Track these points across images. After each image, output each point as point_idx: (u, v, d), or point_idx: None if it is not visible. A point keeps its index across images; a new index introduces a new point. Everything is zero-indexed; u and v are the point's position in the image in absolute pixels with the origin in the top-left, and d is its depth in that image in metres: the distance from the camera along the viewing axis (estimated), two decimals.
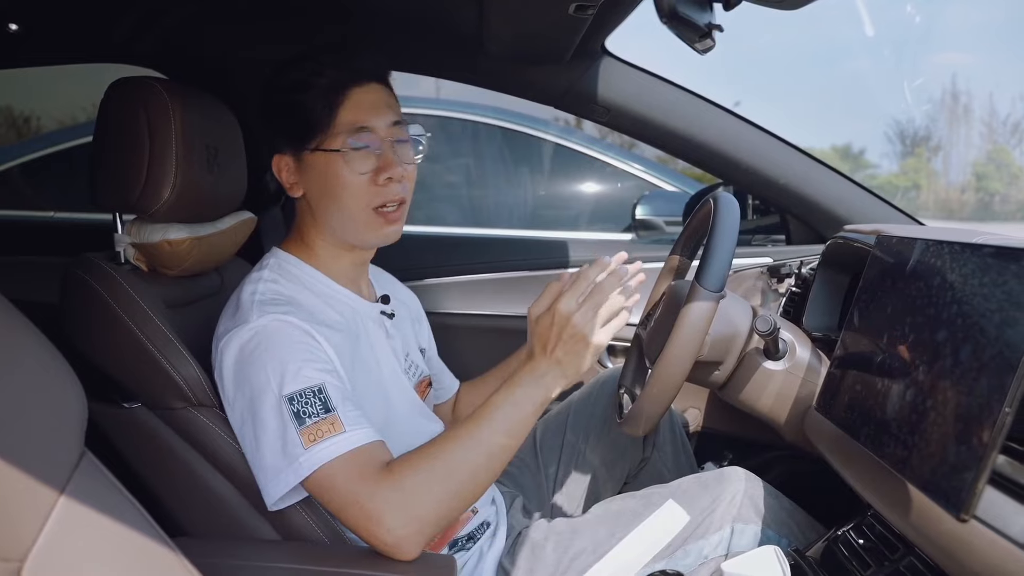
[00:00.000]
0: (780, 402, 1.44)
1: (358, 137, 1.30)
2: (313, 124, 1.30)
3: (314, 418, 1.15)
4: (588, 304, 1.17)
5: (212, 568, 0.79)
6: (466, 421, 1.20)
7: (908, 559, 1.10)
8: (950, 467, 0.90)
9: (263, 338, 1.20)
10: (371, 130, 1.31)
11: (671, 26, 0.88)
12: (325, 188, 1.32)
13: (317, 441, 1.14)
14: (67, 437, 0.69)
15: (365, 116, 1.30)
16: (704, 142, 1.90)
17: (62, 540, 0.63)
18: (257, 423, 1.18)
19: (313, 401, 1.16)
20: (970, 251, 1.01)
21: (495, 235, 3.33)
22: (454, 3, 1.48)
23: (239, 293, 1.31)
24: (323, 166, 1.31)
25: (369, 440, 1.17)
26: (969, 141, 14.42)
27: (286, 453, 1.15)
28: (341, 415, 1.16)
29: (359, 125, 1.30)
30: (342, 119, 1.29)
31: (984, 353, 0.90)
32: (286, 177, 1.36)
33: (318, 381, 1.18)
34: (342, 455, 1.14)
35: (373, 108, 1.32)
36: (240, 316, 1.24)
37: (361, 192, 1.31)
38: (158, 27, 1.70)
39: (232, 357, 1.22)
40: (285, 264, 1.37)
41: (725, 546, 1.36)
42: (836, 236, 1.64)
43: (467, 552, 1.42)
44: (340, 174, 1.30)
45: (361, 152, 1.30)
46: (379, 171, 1.31)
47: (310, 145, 1.31)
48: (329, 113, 1.29)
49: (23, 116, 6.63)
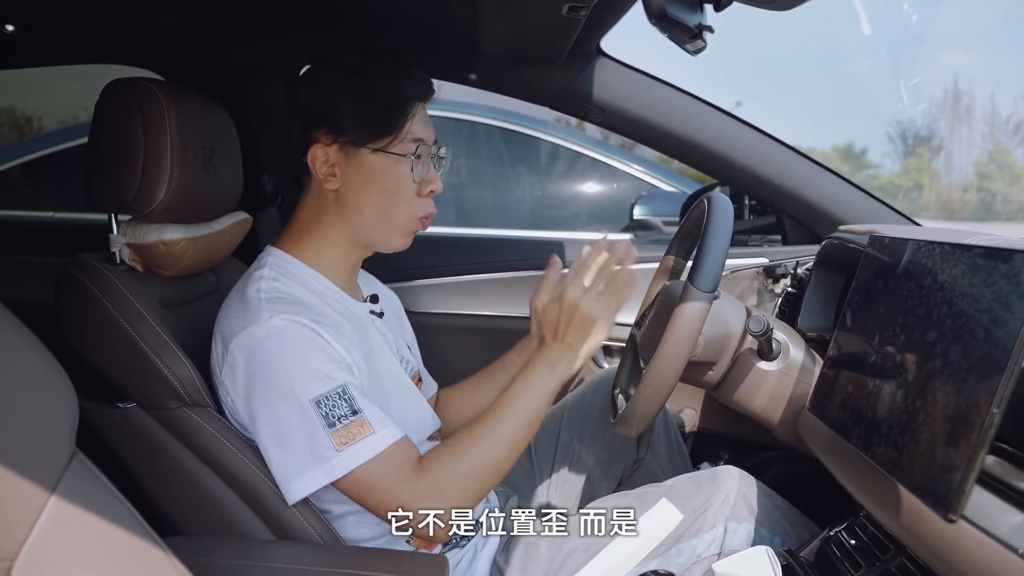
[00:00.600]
0: (774, 402, 1.44)
1: (416, 147, 1.33)
2: (385, 126, 1.31)
3: (344, 420, 1.19)
4: (593, 288, 1.27)
5: (204, 567, 0.80)
6: (487, 415, 1.27)
7: (899, 559, 1.11)
8: (939, 467, 0.91)
9: (278, 339, 1.22)
10: (425, 144, 1.35)
11: (660, 27, 0.88)
12: (376, 187, 1.33)
13: (349, 444, 1.19)
14: (58, 437, 0.69)
15: (423, 130, 1.35)
16: (700, 142, 1.91)
17: (52, 539, 0.63)
18: (278, 423, 1.21)
19: (339, 403, 1.20)
20: (960, 252, 1.01)
21: (493, 235, 3.34)
22: (448, 4, 1.49)
23: (243, 292, 1.31)
24: (381, 167, 1.33)
25: (398, 438, 1.23)
26: (971, 141, 14.42)
27: (315, 454, 1.19)
28: (368, 415, 1.21)
29: (419, 137, 1.34)
30: (412, 128, 1.33)
31: (973, 354, 0.91)
32: (322, 167, 1.34)
33: (340, 382, 1.21)
34: (377, 456, 1.20)
35: (427, 124, 1.37)
36: (250, 315, 1.25)
37: (410, 199, 1.35)
38: (154, 28, 1.71)
39: (247, 357, 1.23)
40: (283, 263, 1.37)
41: (718, 545, 1.36)
42: (831, 236, 1.64)
43: (461, 550, 1.43)
44: (400, 178, 1.33)
45: (421, 162, 1.34)
46: (425, 183, 1.36)
47: (376, 144, 1.32)
48: (403, 119, 1.32)
49: (25, 116, 6.64)
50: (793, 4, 1.00)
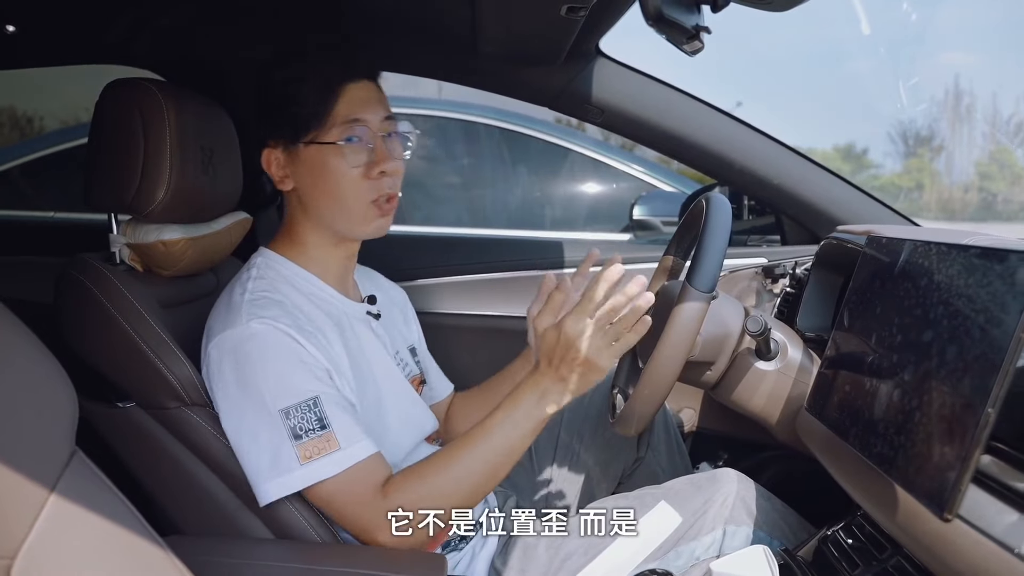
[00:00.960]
0: (772, 402, 1.44)
1: (351, 130, 1.31)
2: (307, 117, 1.31)
3: (310, 435, 1.18)
4: (596, 327, 1.17)
5: (204, 566, 0.80)
6: (465, 439, 1.24)
7: (896, 559, 1.11)
8: (935, 467, 0.91)
9: (255, 345, 1.21)
10: (364, 124, 1.32)
11: (657, 28, 0.88)
12: (319, 181, 1.33)
13: (312, 459, 1.18)
14: (58, 436, 0.70)
15: (359, 110, 1.32)
16: (698, 143, 1.91)
17: (52, 538, 0.64)
18: (249, 429, 1.22)
19: (308, 416, 1.19)
20: (956, 252, 1.01)
21: (493, 235, 3.34)
22: (447, 4, 1.49)
23: (229, 293, 1.32)
24: (317, 159, 1.32)
25: (365, 455, 1.21)
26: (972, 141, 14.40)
27: (278, 464, 1.19)
28: (336, 431, 1.19)
29: (353, 118, 1.31)
30: (336, 113, 1.31)
31: (969, 353, 0.91)
32: (276, 170, 1.36)
33: (312, 393, 1.20)
34: (338, 475, 1.19)
35: (366, 103, 1.33)
36: (231, 317, 1.25)
37: (355, 185, 1.32)
38: (153, 29, 1.71)
39: (222, 360, 1.23)
40: (273, 263, 1.38)
41: (717, 548, 1.36)
42: (829, 237, 1.64)
43: (459, 552, 1.43)
44: (335, 167, 1.31)
45: (355, 145, 1.31)
46: (372, 165, 1.33)
47: (304, 138, 1.32)
48: (324, 107, 1.30)
49: (26, 116, 6.64)
50: (790, 5, 1.01)
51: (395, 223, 1.44)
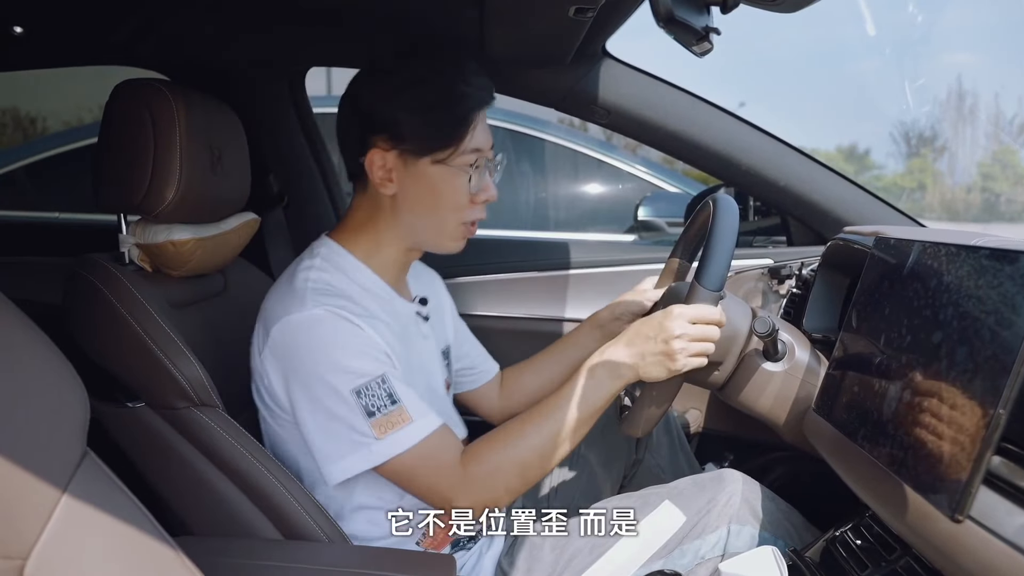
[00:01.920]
0: (779, 403, 1.44)
1: (476, 159, 1.35)
2: (443, 140, 1.32)
3: (383, 410, 1.22)
4: (694, 335, 1.25)
5: (213, 566, 0.80)
6: (541, 408, 1.30)
7: (905, 560, 1.11)
8: (945, 468, 0.91)
9: (319, 329, 1.25)
10: (484, 154, 1.37)
11: (668, 30, 0.89)
12: (428, 196, 1.36)
13: (388, 432, 1.22)
14: (69, 436, 0.70)
15: (483, 141, 1.36)
16: (704, 144, 1.91)
17: (64, 539, 0.64)
18: (319, 410, 1.24)
19: (379, 392, 1.23)
20: (966, 253, 1.01)
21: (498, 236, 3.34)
22: (455, 6, 1.49)
23: (291, 279, 1.33)
24: (439, 177, 1.34)
25: (436, 426, 1.27)
26: (975, 141, 14.37)
27: (355, 441, 1.23)
28: (407, 405, 1.24)
29: (479, 148, 1.35)
30: (470, 141, 1.34)
31: (979, 355, 0.91)
32: (379, 172, 1.35)
33: (379, 372, 1.24)
34: (415, 445, 1.24)
35: (486, 135, 1.38)
36: (295, 302, 1.27)
37: (463, 207, 1.37)
38: (161, 30, 1.71)
39: (288, 342, 1.26)
40: (335, 255, 1.39)
41: (722, 547, 1.36)
42: (836, 237, 1.64)
43: (467, 552, 1.43)
44: (456, 190, 1.35)
45: (477, 172, 1.35)
46: (480, 192, 1.38)
47: (435, 156, 1.33)
48: (463, 131, 1.33)
49: (29, 117, 6.66)
50: (800, 6, 1.01)
51: None
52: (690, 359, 1.25)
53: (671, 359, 1.25)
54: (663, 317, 1.26)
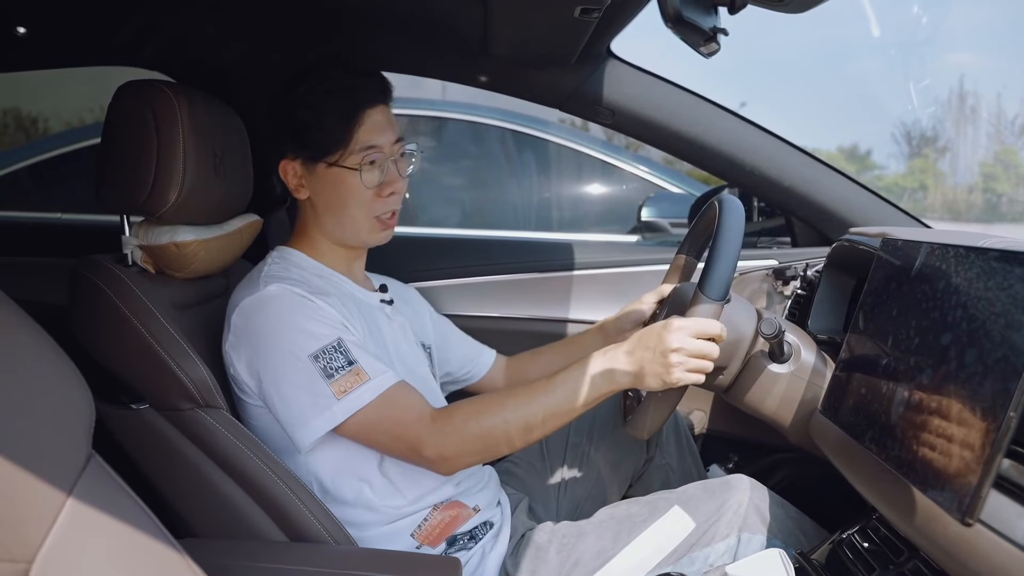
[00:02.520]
0: (785, 405, 1.44)
1: (369, 155, 1.40)
2: (330, 143, 1.39)
3: (341, 372, 1.28)
4: (692, 351, 1.25)
5: (219, 569, 0.80)
6: (527, 388, 1.32)
7: (913, 562, 1.10)
8: (955, 471, 0.90)
9: (274, 303, 1.32)
10: (380, 149, 1.41)
11: (676, 30, 0.88)
12: (333, 196, 1.43)
13: (348, 392, 1.28)
14: (74, 439, 0.70)
15: (375, 136, 1.41)
16: (709, 144, 1.90)
17: (69, 542, 0.63)
18: (281, 379, 1.30)
19: (336, 356, 1.29)
20: (975, 255, 1.01)
21: (501, 237, 3.34)
22: (459, 6, 1.48)
23: (248, 278, 1.41)
24: (336, 179, 1.41)
25: (394, 381, 1.32)
26: (976, 142, 14.37)
27: (317, 404, 1.28)
28: (363, 365, 1.30)
29: (370, 144, 1.40)
30: (357, 139, 1.39)
31: (989, 357, 0.91)
32: (292, 180, 1.45)
33: (335, 336, 1.30)
34: (373, 401, 1.29)
35: (381, 128, 1.42)
36: (250, 287, 1.35)
37: (367, 203, 1.43)
38: (163, 31, 1.71)
39: (246, 322, 1.33)
40: (288, 255, 1.46)
41: (731, 555, 1.36)
42: (842, 239, 1.64)
43: (468, 551, 1.43)
44: (352, 187, 1.41)
45: (371, 168, 1.41)
46: (384, 185, 1.44)
47: (327, 160, 1.40)
48: (345, 134, 1.39)
49: (31, 117, 6.66)
50: (807, 7, 1.00)
51: (399, 224, 1.49)
52: (686, 374, 1.25)
53: (667, 372, 1.25)
54: (663, 329, 1.26)
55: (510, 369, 1.81)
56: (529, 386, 1.32)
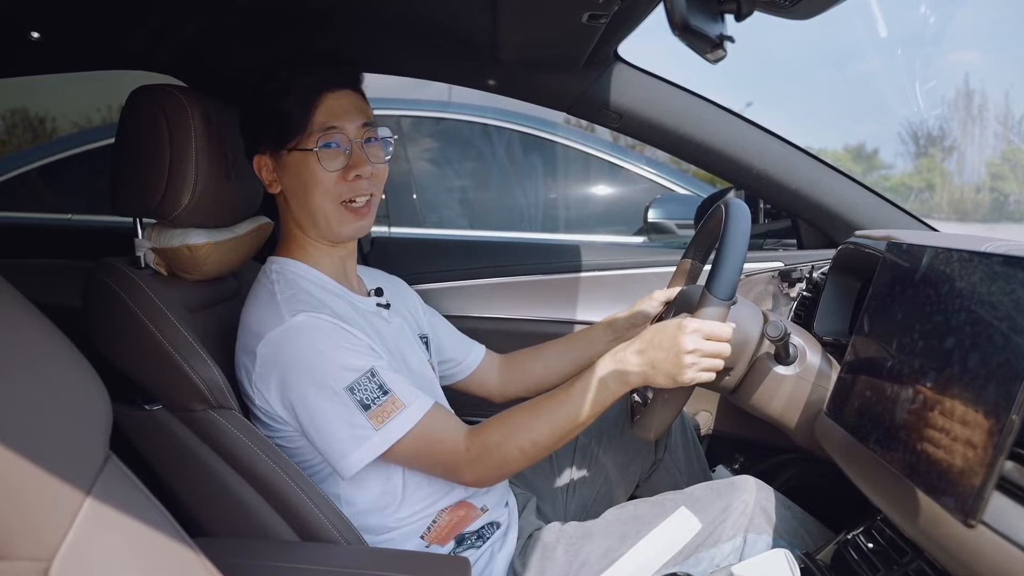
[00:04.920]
0: (791, 406, 1.44)
1: (329, 136, 1.38)
2: (290, 126, 1.38)
3: (377, 402, 1.28)
4: (707, 351, 1.27)
5: (233, 568, 0.81)
6: (548, 400, 1.34)
7: (916, 563, 1.11)
8: (958, 473, 0.91)
9: (303, 335, 1.30)
10: (341, 131, 1.40)
11: (683, 38, 0.89)
12: (299, 184, 1.41)
13: (385, 421, 1.28)
14: (92, 440, 0.70)
15: (336, 118, 1.40)
16: (715, 147, 1.91)
17: (88, 540, 0.64)
18: (319, 414, 1.29)
19: (370, 386, 1.29)
20: (979, 259, 1.02)
21: (507, 239, 3.34)
22: (468, 11, 1.49)
23: (258, 298, 1.38)
24: (299, 164, 1.39)
25: (429, 407, 1.32)
26: (983, 141, 14.31)
27: (356, 436, 1.28)
28: (398, 393, 1.30)
29: (329, 125, 1.39)
30: (315, 121, 1.38)
31: (992, 360, 0.92)
32: (266, 175, 1.44)
33: (368, 366, 1.30)
34: (414, 427, 1.30)
35: (344, 111, 1.41)
36: (272, 317, 1.32)
37: (331, 187, 1.40)
38: (176, 36, 1.72)
39: (276, 356, 1.30)
40: (285, 266, 1.44)
41: (737, 556, 1.37)
42: (847, 242, 1.64)
43: (477, 551, 1.44)
44: (313, 171, 1.39)
45: (332, 151, 1.39)
46: (348, 169, 1.40)
47: (288, 145, 1.39)
48: (304, 116, 1.38)
49: (38, 117, 6.68)
50: (814, 13, 1.01)
51: (405, 226, 1.48)
52: (699, 374, 1.27)
53: (680, 372, 1.26)
54: (677, 331, 1.27)
55: (505, 367, 1.81)
56: (550, 398, 1.34)
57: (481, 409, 1.77)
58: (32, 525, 0.61)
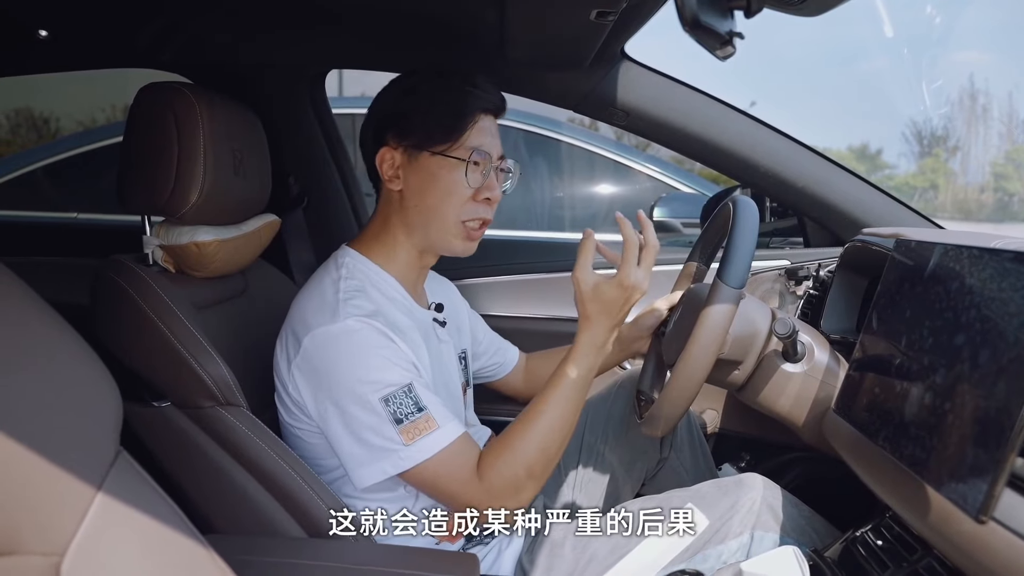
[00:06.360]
0: (798, 404, 1.44)
1: (477, 155, 1.39)
2: (440, 133, 1.38)
3: (411, 417, 1.26)
4: (646, 267, 1.32)
5: (243, 565, 0.81)
6: (537, 405, 1.34)
7: (926, 560, 1.11)
8: (968, 469, 0.91)
9: (352, 340, 1.28)
10: (487, 153, 1.40)
11: (693, 34, 0.89)
12: (430, 188, 1.40)
13: (416, 439, 1.26)
14: (103, 435, 0.71)
15: (488, 141, 1.41)
16: (722, 145, 1.91)
17: (99, 536, 0.64)
18: (349, 418, 1.27)
19: (406, 401, 1.27)
20: (989, 256, 1.01)
21: (513, 237, 3.34)
22: (475, 9, 1.50)
23: (321, 289, 1.37)
24: (438, 170, 1.39)
25: (460, 433, 1.30)
26: (987, 141, 14.27)
27: (384, 448, 1.26)
28: (432, 412, 1.28)
29: (481, 147, 1.39)
30: (471, 136, 1.39)
31: (1003, 357, 0.91)
32: (388, 169, 1.42)
33: (406, 381, 1.28)
34: (443, 450, 1.27)
35: (492, 136, 1.43)
36: (327, 313, 1.31)
37: (461, 202, 1.40)
38: (182, 33, 1.73)
39: (321, 352, 1.29)
40: (358, 263, 1.43)
41: (744, 552, 1.36)
42: (854, 239, 1.64)
43: (485, 547, 1.44)
44: (456, 180, 1.39)
45: (478, 168, 1.40)
46: (482, 189, 1.41)
47: (432, 148, 1.38)
48: (462, 127, 1.38)
49: (43, 117, 6.70)
50: (823, 10, 1.01)
51: None
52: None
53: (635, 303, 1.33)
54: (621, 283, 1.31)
55: (531, 366, 1.85)
56: (534, 404, 1.34)
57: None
58: (44, 520, 0.61)
